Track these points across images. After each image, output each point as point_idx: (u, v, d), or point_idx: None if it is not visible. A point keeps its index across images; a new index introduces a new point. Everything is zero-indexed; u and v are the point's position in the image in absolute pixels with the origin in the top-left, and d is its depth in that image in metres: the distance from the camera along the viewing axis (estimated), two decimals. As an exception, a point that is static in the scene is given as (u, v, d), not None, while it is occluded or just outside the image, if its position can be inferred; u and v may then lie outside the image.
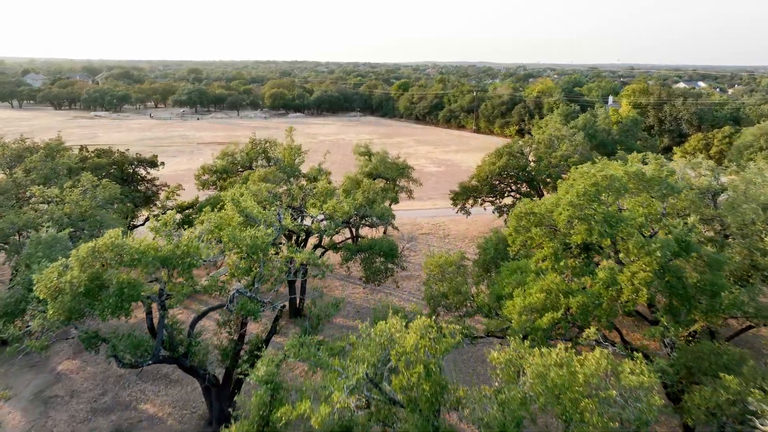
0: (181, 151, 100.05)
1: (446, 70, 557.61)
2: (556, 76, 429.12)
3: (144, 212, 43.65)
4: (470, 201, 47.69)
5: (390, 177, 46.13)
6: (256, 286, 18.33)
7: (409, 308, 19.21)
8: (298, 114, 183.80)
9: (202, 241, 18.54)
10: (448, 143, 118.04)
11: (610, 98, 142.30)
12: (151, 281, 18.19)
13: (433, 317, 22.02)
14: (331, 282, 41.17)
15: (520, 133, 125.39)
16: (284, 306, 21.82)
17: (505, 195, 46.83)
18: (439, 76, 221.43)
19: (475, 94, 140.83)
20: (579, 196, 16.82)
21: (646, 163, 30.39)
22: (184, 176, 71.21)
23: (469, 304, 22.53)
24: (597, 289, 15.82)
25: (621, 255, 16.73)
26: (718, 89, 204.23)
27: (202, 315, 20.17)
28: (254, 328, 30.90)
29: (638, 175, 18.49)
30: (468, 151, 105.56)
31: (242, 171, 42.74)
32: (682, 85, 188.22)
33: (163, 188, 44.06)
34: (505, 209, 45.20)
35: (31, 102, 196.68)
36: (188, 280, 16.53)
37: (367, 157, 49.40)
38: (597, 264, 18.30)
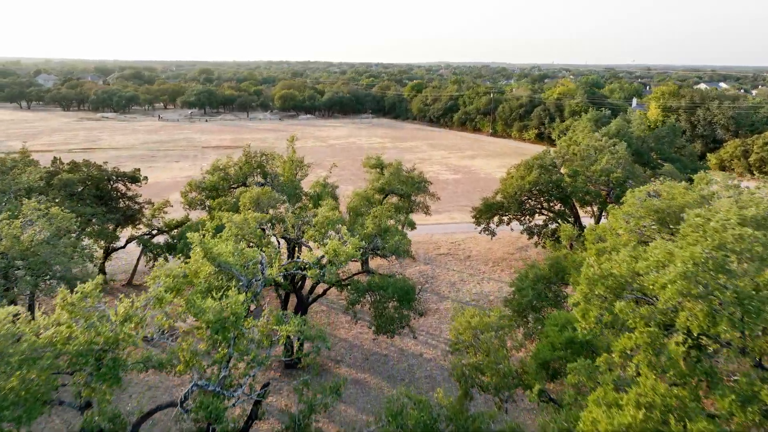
0: (185, 155, 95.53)
1: (460, 70, 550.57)
2: (572, 77, 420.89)
3: (129, 230, 38.79)
4: (495, 219, 42.13)
5: (405, 193, 40.71)
6: (223, 374, 13.20)
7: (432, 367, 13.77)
8: (308, 116, 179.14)
9: (151, 309, 13.35)
10: (463, 148, 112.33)
11: (634, 100, 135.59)
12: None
13: (467, 401, 16.59)
14: (336, 318, 35.87)
15: (540, 137, 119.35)
16: (266, 390, 16.60)
17: (536, 214, 41.13)
18: (453, 77, 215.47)
19: (492, 96, 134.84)
20: (697, 264, 11.38)
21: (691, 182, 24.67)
22: (184, 184, 66.65)
23: (511, 379, 17.12)
24: (726, 407, 10.41)
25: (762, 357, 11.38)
26: (742, 90, 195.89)
27: (146, 416, 14.93)
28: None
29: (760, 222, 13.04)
30: (486, 157, 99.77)
31: (235, 187, 37.46)
32: (703, 86, 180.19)
33: (146, 205, 39.03)
34: (536, 230, 39.49)
35: (40, 103, 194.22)
36: (114, 385, 11.37)
37: (378, 170, 43.99)
38: (713, 357, 12.90)
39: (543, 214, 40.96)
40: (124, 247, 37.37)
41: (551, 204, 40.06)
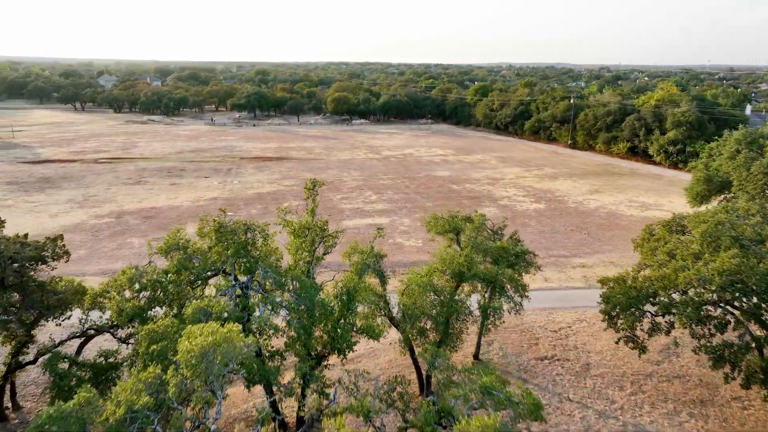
0: (218, 169, 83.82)
1: (523, 71, 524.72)
2: (646, 78, 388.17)
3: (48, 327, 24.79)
4: (644, 321, 25.53)
5: (494, 279, 25.09)
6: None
7: None
8: (362, 121, 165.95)
9: None
10: (540, 163, 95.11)
11: (748, 108, 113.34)
12: None
13: None
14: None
15: (632, 151, 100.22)
16: None
17: (726, 328, 23.52)
18: (519, 79, 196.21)
19: (572, 101, 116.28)
20: None
21: None
22: (205, 208, 54.23)
23: None
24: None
25: None
26: None
27: None
28: None
29: None
30: (570, 176, 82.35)
31: (196, 286, 21.34)
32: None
33: (75, 296, 23.72)
34: (728, 355, 22.34)
35: (92, 104, 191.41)
36: None
37: (452, 236, 28.92)
38: None
39: (740, 325, 23.72)
40: (34, 362, 23.20)
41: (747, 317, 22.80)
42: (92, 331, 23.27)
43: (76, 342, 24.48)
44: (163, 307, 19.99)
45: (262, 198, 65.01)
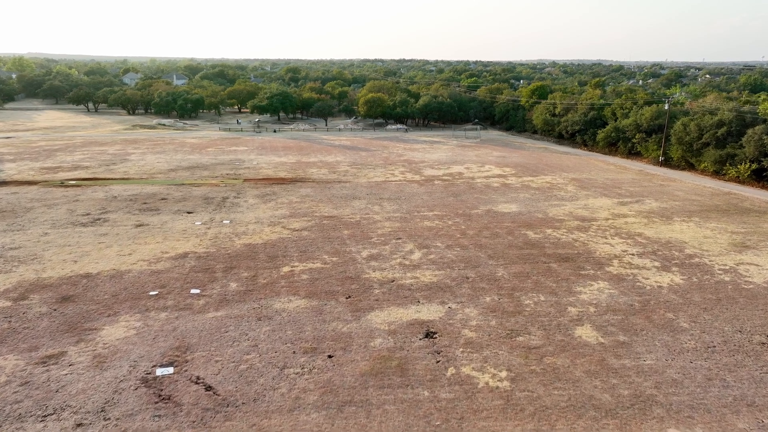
0: (209, 198, 64.14)
1: (570, 68, 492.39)
2: (707, 75, 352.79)
3: None
4: None
5: None
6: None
7: None
8: (398, 126, 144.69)
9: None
10: (633, 190, 71.93)
11: None
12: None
13: None
14: None
15: (758, 175, 75.67)
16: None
17: None
18: (594, 79, 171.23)
19: (667, 106, 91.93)
20: None
21: None
22: (163, 279, 34.09)
23: None
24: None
25: None
26: None
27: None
28: None
29: None
30: (688, 216, 59.02)
31: None
32: None
33: None
34: None
35: (104, 105, 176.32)
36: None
37: None
38: None
39: None
40: None
41: None
42: None
43: None
44: None
45: (254, 254, 44.62)
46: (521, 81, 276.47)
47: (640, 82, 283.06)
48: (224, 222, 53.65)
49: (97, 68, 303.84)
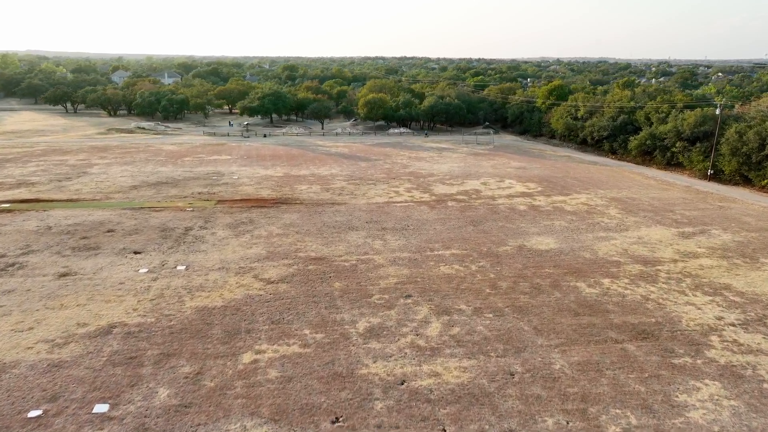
0: (169, 230, 51.41)
1: (575, 66, 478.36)
2: (719, 74, 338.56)
3: None
4: None
5: None
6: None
7: None
8: (402, 129, 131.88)
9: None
10: (690, 214, 59.15)
11: None
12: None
13: None
14: None
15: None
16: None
17: None
18: (623, 78, 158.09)
19: (718, 110, 79.04)
20: None
21: None
22: (56, 384, 21.87)
23: None
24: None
25: None
26: None
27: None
28: None
29: None
30: (775, 255, 46.21)
31: None
32: None
33: None
34: None
35: (82, 106, 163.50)
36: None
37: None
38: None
39: None
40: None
41: None
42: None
43: None
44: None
45: (206, 327, 31.86)
46: (528, 80, 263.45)
47: (653, 80, 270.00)
48: (178, 268, 40.87)
49: (85, 66, 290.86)
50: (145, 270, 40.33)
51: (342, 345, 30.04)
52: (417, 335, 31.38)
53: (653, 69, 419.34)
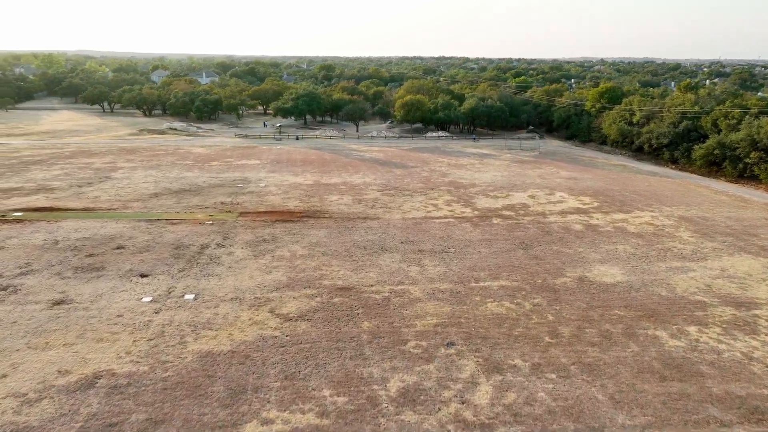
0: (183, 247, 46.69)
1: (621, 66, 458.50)
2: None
3: None
4: None
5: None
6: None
7: None
8: (441, 133, 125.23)
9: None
10: (779, 241, 50.69)
11: None
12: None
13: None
14: None
15: None
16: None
17: None
18: (684, 80, 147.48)
19: (805, 119, 69.63)
20: None
21: None
22: None
23: None
24: None
25: None
26: None
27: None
28: None
29: None
30: None
31: None
32: None
33: None
34: None
35: (118, 105, 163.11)
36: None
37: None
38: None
39: None
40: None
41: None
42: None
43: None
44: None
45: (207, 382, 26.53)
46: (572, 81, 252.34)
47: (707, 81, 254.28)
48: (186, 297, 35.81)
49: (127, 65, 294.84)
50: (149, 299, 35.39)
51: (369, 415, 24.13)
52: (462, 403, 25.19)
53: (705, 69, 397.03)
